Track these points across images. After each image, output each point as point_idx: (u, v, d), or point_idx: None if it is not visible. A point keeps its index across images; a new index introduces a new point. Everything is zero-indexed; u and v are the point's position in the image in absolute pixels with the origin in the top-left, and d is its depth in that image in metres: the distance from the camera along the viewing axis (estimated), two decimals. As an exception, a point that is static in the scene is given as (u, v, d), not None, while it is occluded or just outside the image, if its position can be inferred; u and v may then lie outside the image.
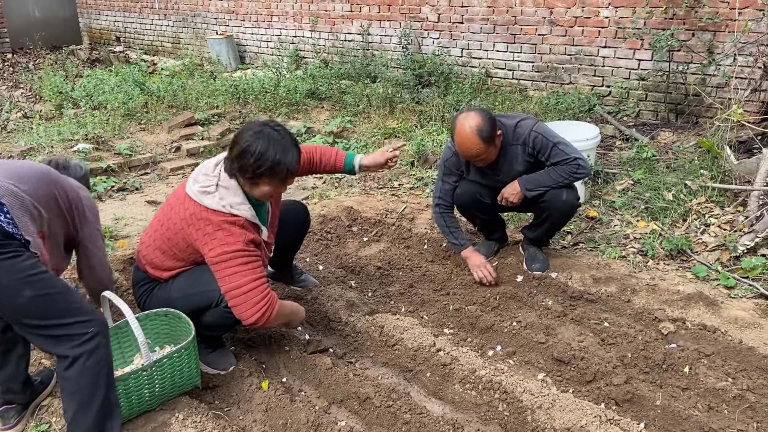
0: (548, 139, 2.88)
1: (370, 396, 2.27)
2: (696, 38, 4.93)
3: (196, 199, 2.16)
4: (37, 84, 7.50)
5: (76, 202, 2.14)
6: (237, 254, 2.10)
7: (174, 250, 2.26)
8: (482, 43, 6.31)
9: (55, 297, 1.78)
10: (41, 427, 2.19)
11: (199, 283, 2.25)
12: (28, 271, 1.73)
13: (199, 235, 2.14)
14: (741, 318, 2.69)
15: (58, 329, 1.78)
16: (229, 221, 2.12)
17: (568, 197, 2.97)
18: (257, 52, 8.70)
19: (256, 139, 2.10)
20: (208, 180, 2.19)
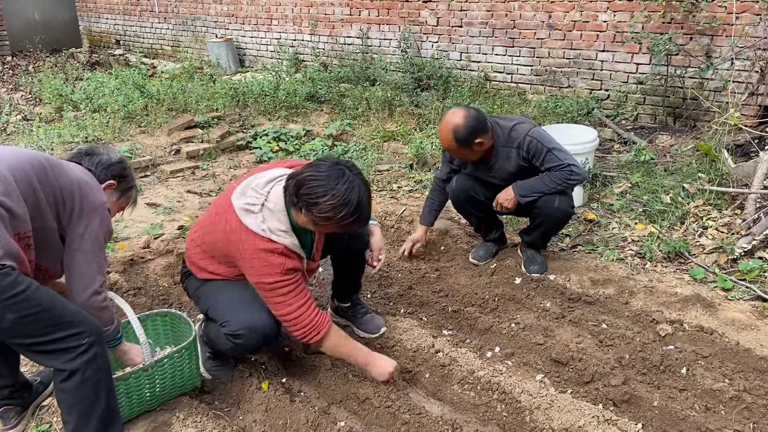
0: (543, 144, 2.89)
1: (369, 396, 2.29)
2: (694, 42, 4.96)
3: (239, 216, 2.07)
4: (36, 87, 7.52)
5: (66, 198, 1.86)
6: (276, 285, 2.06)
7: (215, 254, 2.24)
8: (481, 46, 6.34)
9: (40, 315, 1.65)
10: (42, 427, 2.20)
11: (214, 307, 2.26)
12: (7, 293, 1.58)
13: (238, 255, 2.10)
14: (738, 320, 2.70)
15: (51, 344, 1.68)
16: (267, 249, 2.04)
17: (561, 204, 2.96)
18: (257, 56, 8.73)
19: (347, 193, 1.97)
20: (255, 197, 2.09)
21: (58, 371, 1.72)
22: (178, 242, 3.62)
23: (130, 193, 2.27)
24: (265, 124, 6.25)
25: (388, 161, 5.20)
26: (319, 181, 1.97)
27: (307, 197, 1.98)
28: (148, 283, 3.14)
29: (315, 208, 1.97)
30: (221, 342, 2.23)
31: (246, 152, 5.76)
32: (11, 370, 2.14)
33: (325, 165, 2.02)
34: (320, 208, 1.97)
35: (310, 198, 1.97)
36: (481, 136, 2.82)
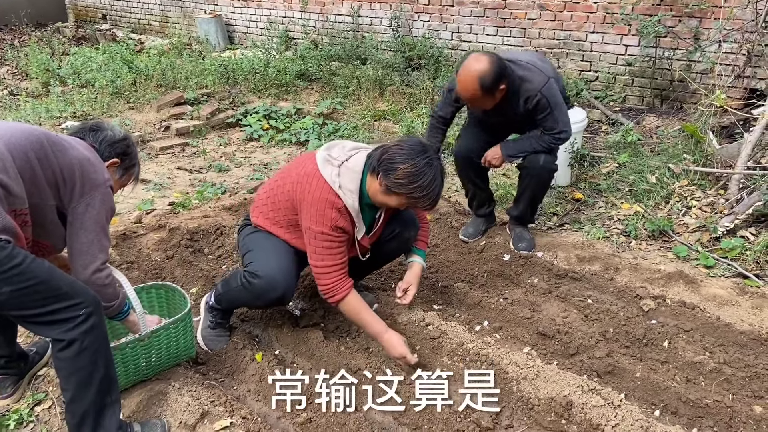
0: (549, 105, 2.87)
1: (361, 367, 2.34)
2: (682, 24, 5.00)
3: (318, 163, 2.21)
4: (23, 61, 7.41)
5: (66, 175, 1.84)
6: (321, 236, 2.20)
7: (281, 204, 2.33)
8: (472, 26, 6.33)
9: (38, 287, 1.66)
10: (38, 396, 2.23)
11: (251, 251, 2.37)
12: (2, 267, 1.58)
13: (302, 197, 2.22)
14: (719, 296, 2.78)
15: (48, 316, 1.69)
16: (328, 201, 2.16)
17: (546, 162, 3.04)
18: (246, 33, 8.64)
19: (426, 168, 2.11)
20: (339, 153, 2.24)
21: (57, 341, 1.73)
22: (170, 217, 3.63)
23: (132, 170, 2.23)
24: (256, 101, 6.23)
25: (379, 140, 5.22)
26: (404, 150, 2.13)
27: (389, 162, 2.12)
28: (140, 257, 3.16)
29: (393, 174, 2.10)
30: (236, 280, 2.34)
31: (236, 130, 5.76)
32: (8, 342, 2.16)
33: (411, 141, 2.18)
34: (398, 174, 2.10)
35: (391, 162, 2.11)
36: (504, 81, 2.76)
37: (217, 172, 4.74)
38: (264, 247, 2.35)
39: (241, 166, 4.89)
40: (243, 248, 2.45)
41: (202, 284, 2.96)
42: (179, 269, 3.09)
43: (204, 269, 3.08)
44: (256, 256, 2.33)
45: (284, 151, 5.22)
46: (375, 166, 2.16)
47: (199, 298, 2.77)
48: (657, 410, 2.14)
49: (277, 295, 2.28)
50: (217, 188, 4.27)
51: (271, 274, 2.25)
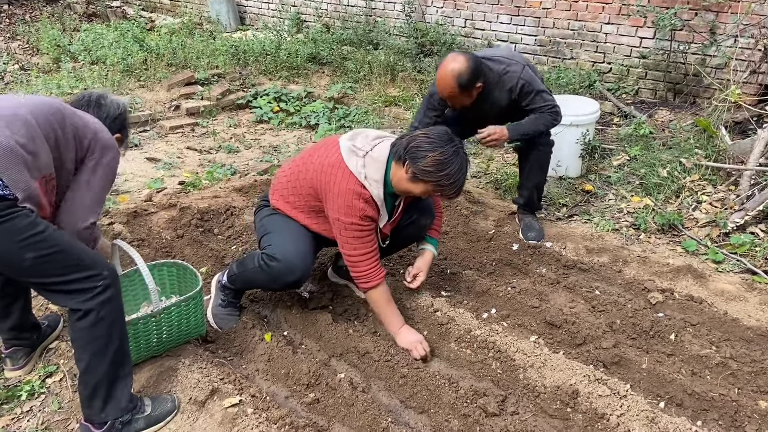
0: (533, 87, 2.98)
1: (369, 350, 2.36)
2: (699, 18, 4.95)
3: (343, 153, 2.23)
4: (34, 37, 7.39)
5: (81, 137, 1.90)
6: (352, 226, 2.22)
7: (302, 189, 2.34)
8: (486, 14, 6.28)
9: (58, 255, 1.70)
10: (49, 368, 2.26)
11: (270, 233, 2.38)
12: (27, 232, 1.63)
13: (326, 188, 2.23)
14: (727, 291, 2.79)
15: (67, 285, 1.73)
16: (355, 191, 2.18)
17: (543, 139, 3.12)
18: (258, 14, 8.60)
19: (454, 157, 2.14)
20: (363, 143, 2.26)
21: (74, 311, 1.77)
22: (181, 197, 3.65)
23: (126, 141, 2.35)
24: (266, 83, 6.21)
25: (389, 126, 5.21)
26: (431, 139, 2.15)
27: (417, 150, 2.14)
28: (151, 235, 3.18)
29: (421, 161, 2.12)
30: (253, 261, 2.35)
31: (246, 111, 5.75)
32: (22, 311, 2.19)
33: (438, 130, 2.20)
34: (426, 162, 2.12)
35: (419, 150, 2.13)
36: (481, 79, 2.89)
37: (226, 153, 4.75)
38: (282, 231, 2.37)
39: (251, 147, 4.89)
40: (260, 230, 2.46)
41: (212, 264, 2.98)
42: (189, 248, 3.10)
43: (214, 249, 3.10)
44: (274, 239, 2.34)
45: (294, 134, 5.22)
46: (402, 154, 2.18)
47: (209, 277, 2.80)
48: (662, 402, 2.16)
49: (295, 278, 2.30)
50: (227, 169, 4.28)
51: (289, 257, 2.27)
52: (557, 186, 3.92)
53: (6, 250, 1.63)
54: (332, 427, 2.03)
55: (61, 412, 2.08)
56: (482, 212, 3.59)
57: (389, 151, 2.24)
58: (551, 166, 3.97)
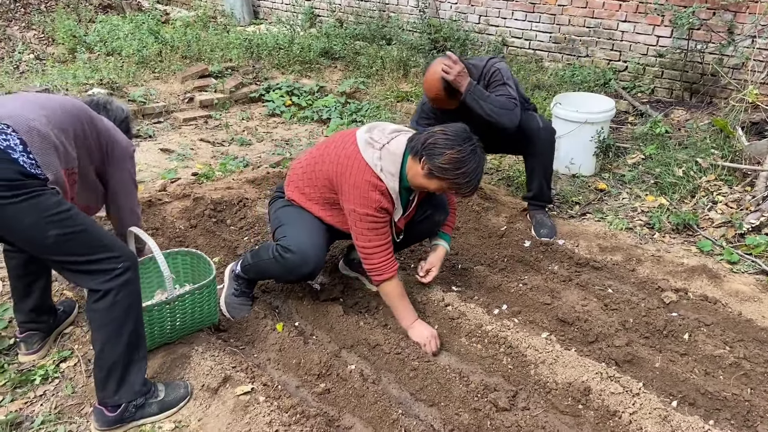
0: (502, 76, 2.97)
1: (380, 343, 2.36)
2: (717, 17, 4.90)
3: (359, 145, 2.23)
4: (49, 26, 7.44)
5: (106, 142, 2.13)
6: (366, 218, 2.23)
7: (317, 181, 2.34)
8: (501, 10, 6.26)
9: (82, 234, 1.76)
10: (63, 353, 2.28)
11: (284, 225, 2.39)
12: (53, 209, 1.70)
13: (342, 180, 2.24)
14: (742, 292, 2.76)
15: (88, 265, 1.78)
16: (371, 183, 2.19)
17: (544, 124, 3.12)
18: (272, 8, 8.61)
19: (471, 156, 2.14)
20: (380, 136, 2.26)
21: (92, 291, 1.81)
22: (194, 187, 3.66)
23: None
24: (279, 77, 6.22)
25: (401, 121, 5.20)
26: (449, 136, 2.15)
27: (434, 146, 2.14)
28: (165, 225, 3.19)
29: (438, 158, 2.13)
30: (267, 252, 2.36)
31: (258, 105, 5.76)
32: (42, 291, 2.23)
33: (456, 127, 2.20)
34: (443, 159, 2.12)
35: (437, 147, 2.13)
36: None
37: (239, 145, 4.76)
38: (296, 223, 2.37)
39: (263, 141, 4.90)
40: (275, 221, 2.46)
41: (224, 254, 2.99)
42: (202, 238, 3.12)
43: (226, 239, 3.11)
44: (289, 231, 2.35)
45: (305, 128, 5.22)
46: (419, 150, 2.18)
47: (221, 267, 2.81)
48: (675, 401, 2.15)
49: (308, 270, 2.31)
50: (239, 161, 4.29)
51: (303, 249, 2.28)
52: (570, 184, 3.90)
53: (31, 225, 1.69)
54: (343, 417, 2.04)
55: (75, 396, 2.10)
56: (494, 209, 3.58)
57: (406, 146, 2.24)
58: (564, 164, 3.98)
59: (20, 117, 1.75)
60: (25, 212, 1.67)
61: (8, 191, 1.64)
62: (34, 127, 1.75)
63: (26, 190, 1.67)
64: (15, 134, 1.70)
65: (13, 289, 2.21)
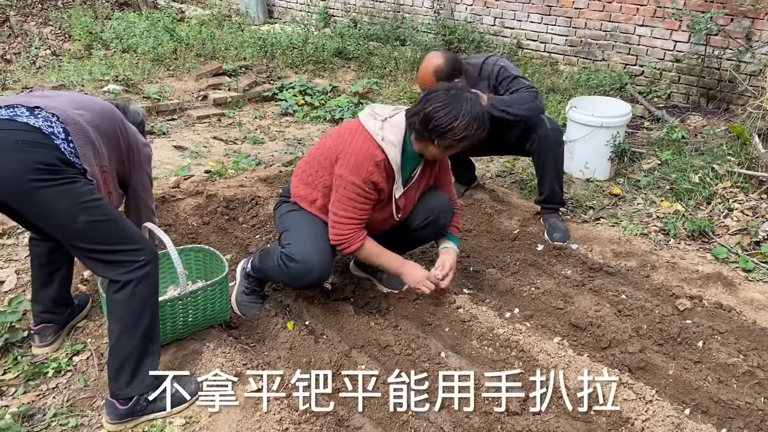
0: (509, 72, 3.06)
1: (390, 344, 2.35)
2: (735, 24, 4.86)
3: (362, 118, 2.27)
4: (66, 23, 7.50)
5: (133, 145, 2.23)
6: (352, 186, 2.21)
7: (319, 166, 2.33)
8: (516, 12, 6.23)
9: (109, 224, 1.82)
10: (76, 346, 2.29)
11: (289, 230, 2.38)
12: (86, 197, 1.77)
13: (342, 148, 2.23)
14: (757, 300, 2.73)
15: (111, 255, 1.83)
16: (369, 153, 2.19)
17: (552, 124, 3.13)
18: (286, 8, 8.63)
19: (471, 107, 2.14)
20: (382, 112, 2.29)
21: (113, 282, 1.85)
22: (207, 184, 3.68)
23: None
24: (292, 77, 6.23)
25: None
26: (445, 109, 2.12)
27: (440, 128, 2.13)
28: (178, 221, 3.21)
29: (450, 134, 2.13)
30: (273, 259, 2.35)
31: (272, 103, 5.77)
32: (62, 282, 2.27)
33: (440, 94, 2.17)
34: (455, 132, 2.13)
35: (442, 127, 2.13)
36: (459, 76, 2.95)
37: (252, 144, 4.77)
38: (301, 228, 2.36)
39: (276, 139, 4.91)
40: (280, 226, 2.46)
41: (236, 251, 3.00)
42: (214, 235, 3.13)
43: (238, 237, 3.12)
44: (294, 238, 2.33)
45: (318, 128, 5.23)
46: (425, 134, 2.18)
47: (233, 264, 2.81)
48: (687, 408, 2.12)
49: (313, 279, 2.31)
50: (252, 160, 4.30)
51: (306, 257, 2.25)
52: (584, 188, 3.88)
53: (64, 209, 1.75)
54: (352, 417, 2.03)
55: (87, 389, 2.11)
56: (507, 211, 3.56)
57: (406, 127, 2.25)
58: (579, 168, 3.96)
59: (66, 110, 1.86)
60: (60, 197, 1.74)
61: (47, 175, 1.71)
62: (77, 121, 1.86)
63: (64, 175, 1.75)
64: (60, 123, 1.80)
65: (35, 277, 2.25)
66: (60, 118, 1.82)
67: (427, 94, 2.21)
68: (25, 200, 1.75)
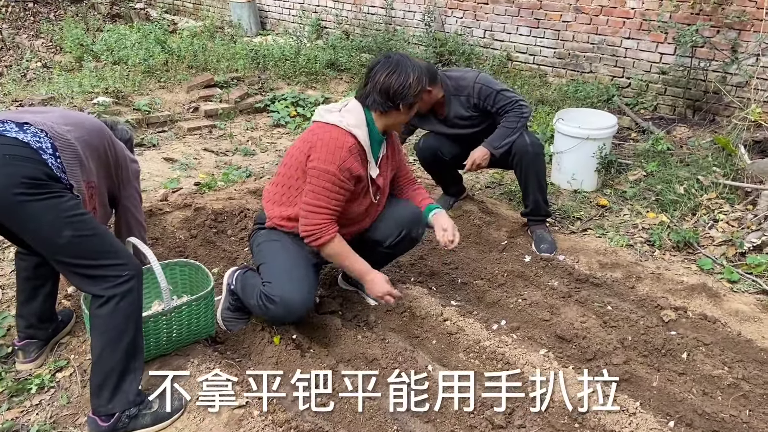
0: (492, 88, 3.10)
1: (377, 357, 2.35)
2: (720, 35, 4.92)
3: (320, 118, 2.31)
4: (57, 35, 7.52)
5: (122, 161, 2.25)
6: (326, 175, 2.21)
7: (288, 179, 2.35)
8: (505, 25, 6.29)
9: (94, 239, 1.83)
10: (60, 362, 2.28)
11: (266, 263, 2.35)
12: (71, 211, 1.79)
13: (311, 146, 2.25)
14: (741, 311, 2.75)
15: (95, 270, 1.83)
16: (339, 140, 2.22)
17: (532, 139, 3.15)
18: (279, 19, 8.68)
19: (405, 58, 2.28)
20: (334, 106, 2.36)
21: (96, 297, 1.85)
22: (196, 197, 3.68)
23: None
24: (284, 88, 6.25)
25: (405, 134, 5.21)
26: (395, 73, 2.24)
27: (400, 90, 2.24)
28: (165, 235, 3.20)
29: (409, 91, 2.25)
30: (253, 296, 2.30)
31: (263, 115, 5.78)
32: (47, 297, 2.25)
33: (382, 66, 2.27)
34: (413, 88, 2.25)
35: (402, 89, 2.24)
36: (430, 84, 2.96)
37: (242, 155, 4.78)
38: (279, 262, 2.31)
39: (267, 151, 4.92)
40: (257, 258, 2.41)
41: (224, 265, 3.00)
42: (202, 248, 3.12)
43: (227, 250, 3.12)
44: (273, 275, 2.27)
45: (310, 139, 5.24)
46: (388, 104, 2.27)
47: (220, 278, 2.80)
48: (672, 421, 2.13)
49: (294, 318, 2.33)
50: (242, 171, 4.31)
51: (287, 298, 2.21)
52: (572, 199, 3.90)
53: (49, 223, 1.76)
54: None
55: (70, 406, 2.10)
56: (495, 223, 3.58)
57: (362, 107, 2.31)
58: (566, 179, 3.99)
59: (54, 126, 1.89)
60: (45, 211, 1.75)
61: (33, 189, 1.73)
62: (65, 137, 1.89)
63: (50, 190, 1.77)
64: (48, 139, 1.84)
65: (20, 292, 2.25)
66: (48, 133, 1.85)
67: (369, 71, 2.30)
68: (10, 214, 1.76)
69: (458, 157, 3.28)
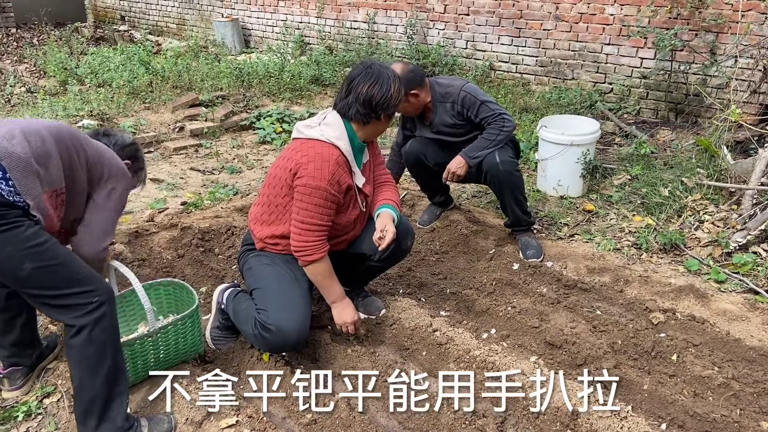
0: (476, 98, 3.13)
1: (368, 371, 2.34)
2: (699, 39, 4.99)
3: (300, 135, 2.31)
4: (41, 60, 7.51)
5: (96, 163, 2.04)
6: (317, 192, 2.21)
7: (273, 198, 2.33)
8: (487, 35, 6.35)
9: (57, 268, 1.75)
10: (47, 388, 2.25)
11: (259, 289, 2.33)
12: (29, 242, 1.70)
13: (296, 165, 2.23)
14: (729, 311, 2.76)
15: (62, 299, 1.77)
16: (324, 155, 2.21)
17: (502, 157, 3.13)
18: (262, 37, 8.72)
19: (384, 68, 2.29)
20: (312, 121, 2.35)
21: (68, 327, 1.80)
22: (182, 217, 3.67)
23: (140, 174, 2.47)
24: (269, 105, 6.27)
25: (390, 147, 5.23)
26: (377, 84, 2.26)
27: (384, 99, 2.27)
28: (152, 255, 3.19)
29: (390, 101, 2.28)
30: (248, 323, 2.27)
31: (249, 132, 5.79)
32: (24, 327, 2.20)
33: (362, 77, 2.28)
34: (393, 98, 2.28)
35: (386, 98, 2.27)
36: (416, 88, 3.05)
37: (229, 173, 4.77)
38: (273, 290, 2.29)
39: (253, 168, 4.92)
40: (250, 282, 2.39)
41: (212, 283, 2.98)
42: (190, 268, 3.11)
43: (214, 269, 3.10)
44: (268, 302, 2.25)
45: (296, 155, 5.25)
46: (370, 115, 2.28)
47: (209, 296, 2.79)
48: (664, 423, 2.13)
49: (290, 347, 2.29)
50: (229, 189, 4.30)
51: (284, 327, 2.19)
52: (558, 205, 3.92)
53: (8, 257, 1.69)
54: (329, 448, 2.01)
55: (57, 433, 2.07)
56: (482, 231, 3.59)
57: (341, 117, 2.32)
58: (552, 186, 4.01)
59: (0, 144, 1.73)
60: (2, 244, 1.67)
61: None
62: (13, 152, 1.73)
63: (5, 220, 1.68)
64: None
65: None
66: None
67: (350, 82, 2.29)
68: None
69: (442, 165, 3.29)
